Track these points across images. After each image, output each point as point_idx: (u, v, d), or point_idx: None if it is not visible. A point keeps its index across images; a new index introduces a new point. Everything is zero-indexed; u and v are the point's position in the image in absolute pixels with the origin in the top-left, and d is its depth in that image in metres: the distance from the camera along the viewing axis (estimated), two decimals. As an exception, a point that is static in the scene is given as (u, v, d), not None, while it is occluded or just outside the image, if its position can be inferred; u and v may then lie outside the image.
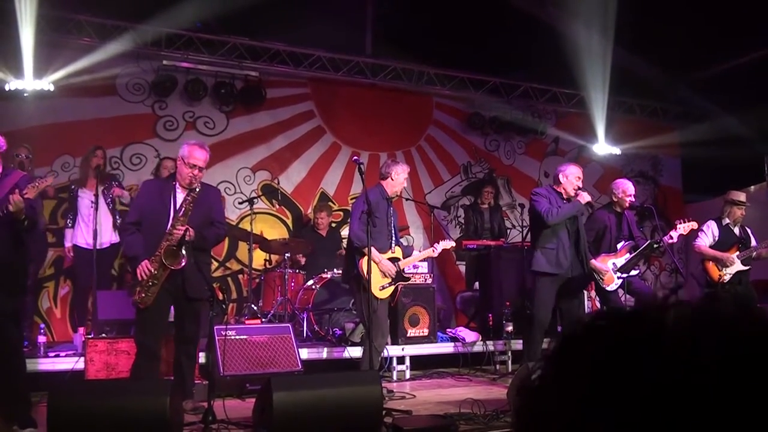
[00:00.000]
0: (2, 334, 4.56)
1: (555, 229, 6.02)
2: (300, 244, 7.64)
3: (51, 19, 7.33)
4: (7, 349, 4.61)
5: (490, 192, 8.83)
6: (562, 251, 6.00)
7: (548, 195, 6.14)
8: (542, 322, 6.09)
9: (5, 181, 4.58)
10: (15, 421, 4.57)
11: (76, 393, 4.20)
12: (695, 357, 0.59)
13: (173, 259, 4.88)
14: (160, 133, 8.16)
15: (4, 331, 4.57)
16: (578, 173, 6.15)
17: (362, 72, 9.08)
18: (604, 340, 0.64)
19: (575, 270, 6.08)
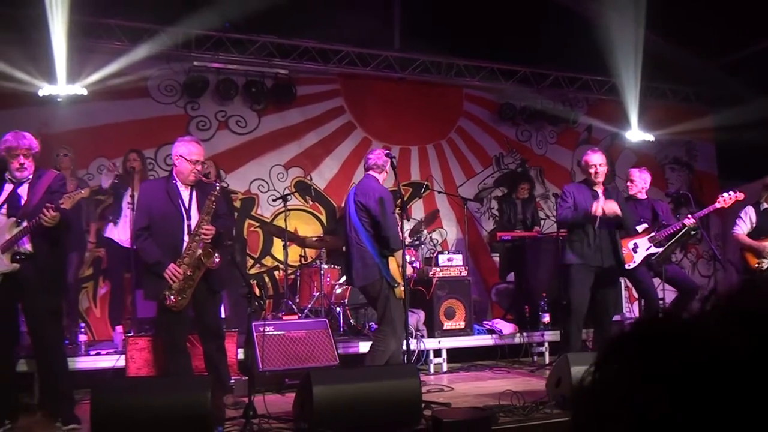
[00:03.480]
0: (44, 333, 4.67)
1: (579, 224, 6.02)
2: (335, 239, 7.65)
3: (82, 25, 7.43)
4: (50, 348, 4.71)
5: (526, 188, 8.76)
6: (587, 243, 5.97)
7: (572, 193, 6.11)
8: (578, 311, 6.04)
9: (39, 183, 4.68)
10: (58, 418, 4.66)
11: (118, 390, 4.26)
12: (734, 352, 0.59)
13: (208, 258, 4.93)
14: (193, 134, 8.23)
15: (46, 330, 4.67)
16: (593, 161, 6.08)
17: (391, 66, 9.08)
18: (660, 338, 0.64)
19: (608, 260, 6.01)
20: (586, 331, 7.08)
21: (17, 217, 4.56)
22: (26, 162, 4.62)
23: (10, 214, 4.59)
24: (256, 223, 8.68)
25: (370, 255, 5.29)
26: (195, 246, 4.93)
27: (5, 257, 4.54)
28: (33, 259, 4.59)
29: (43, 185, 4.69)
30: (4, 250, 4.53)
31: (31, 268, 4.59)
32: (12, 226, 4.55)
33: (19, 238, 4.53)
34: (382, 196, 5.31)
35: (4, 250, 4.53)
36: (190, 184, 5.11)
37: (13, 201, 4.62)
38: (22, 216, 4.56)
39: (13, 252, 4.54)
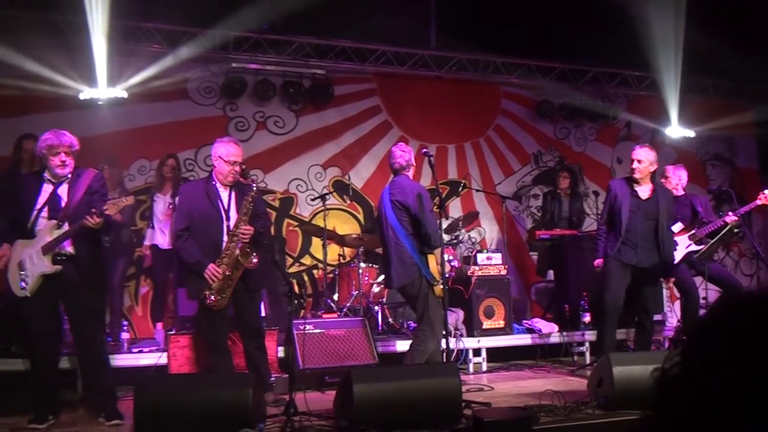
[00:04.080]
0: (86, 331, 4.75)
1: (615, 220, 5.96)
2: (373, 238, 7.66)
3: (122, 29, 7.55)
4: (92, 345, 4.79)
5: (566, 177, 8.60)
6: (625, 241, 5.89)
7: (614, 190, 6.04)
8: (611, 307, 5.98)
9: (79, 182, 4.75)
10: (101, 413, 4.74)
11: (161, 386, 4.34)
12: None
13: (246, 258, 4.98)
14: (232, 134, 8.29)
15: (87, 328, 4.75)
16: (632, 155, 6.00)
17: (427, 65, 9.06)
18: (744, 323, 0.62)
19: (646, 260, 5.92)
20: (627, 330, 7.00)
21: (58, 220, 4.63)
22: (67, 159, 4.68)
23: (50, 215, 4.67)
24: (295, 222, 8.74)
25: (409, 254, 5.24)
26: (233, 246, 4.98)
27: (46, 259, 4.62)
28: (74, 261, 4.67)
29: (83, 184, 4.75)
30: (46, 251, 4.61)
31: (73, 269, 4.67)
32: (53, 228, 4.63)
33: (61, 241, 4.61)
34: (420, 193, 5.27)
35: (45, 252, 4.61)
36: (229, 185, 5.16)
37: (54, 202, 4.69)
38: (63, 218, 4.63)
39: (55, 253, 4.63)
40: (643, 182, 5.99)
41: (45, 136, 4.70)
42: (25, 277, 4.63)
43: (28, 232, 4.66)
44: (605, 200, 6.15)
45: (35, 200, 4.68)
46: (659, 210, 5.94)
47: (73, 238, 4.63)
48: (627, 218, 5.90)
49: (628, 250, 5.90)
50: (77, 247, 4.67)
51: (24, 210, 4.68)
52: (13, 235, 4.71)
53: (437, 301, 5.27)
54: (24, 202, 4.70)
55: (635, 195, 5.96)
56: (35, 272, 4.62)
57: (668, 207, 6.03)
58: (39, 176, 4.78)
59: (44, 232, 4.64)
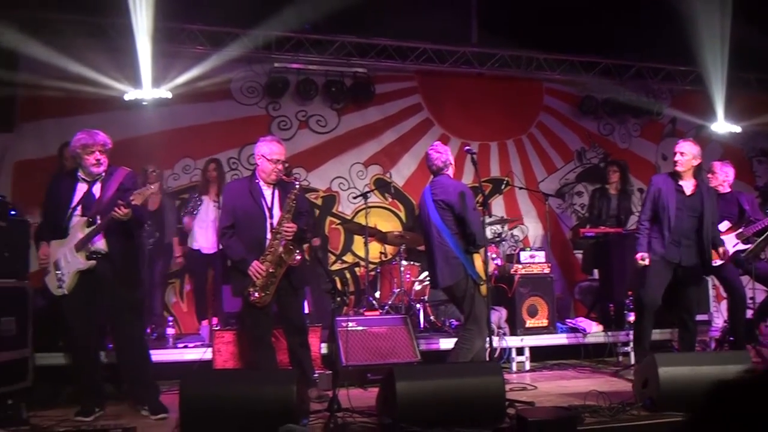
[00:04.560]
0: (125, 326, 4.83)
1: (659, 216, 5.84)
2: (414, 236, 7.65)
3: (166, 31, 7.68)
4: (131, 340, 4.87)
5: (616, 171, 8.41)
6: (667, 239, 5.78)
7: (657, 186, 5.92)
8: (651, 307, 5.87)
9: (111, 180, 4.84)
10: (144, 406, 4.82)
11: (206, 381, 4.38)
12: None
13: (289, 255, 5.01)
14: (274, 134, 8.39)
15: (126, 323, 4.83)
16: (674, 148, 5.88)
17: (469, 62, 9.01)
18: None
19: (689, 259, 5.81)
20: (672, 330, 6.88)
21: (89, 216, 4.73)
22: (102, 157, 4.78)
23: (84, 213, 4.77)
24: (337, 220, 8.80)
25: (454, 254, 5.19)
26: (276, 244, 5.01)
27: (80, 255, 4.71)
28: (107, 257, 4.76)
29: (115, 182, 4.84)
30: (79, 248, 4.71)
31: (107, 265, 4.76)
32: (84, 225, 4.72)
33: (93, 236, 4.70)
34: (463, 191, 5.22)
35: (78, 249, 4.71)
36: (273, 183, 5.20)
37: (88, 201, 4.79)
38: (95, 215, 4.72)
39: (88, 250, 4.72)
40: (686, 177, 5.87)
41: (78, 135, 4.80)
42: (62, 276, 4.73)
43: (63, 231, 4.77)
44: (647, 195, 6.02)
45: (71, 199, 4.79)
46: (703, 206, 5.82)
47: (104, 233, 4.72)
48: (674, 215, 5.78)
49: (672, 248, 5.79)
50: (110, 243, 4.76)
51: (60, 210, 4.79)
52: (52, 235, 4.81)
53: (483, 299, 5.23)
54: (60, 203, 4.81)
55: (680, 191, 5.84)
56: (71, 270, 4.72)
57: (712, 204, 5.89)
58: (73, 176, 4.87)
59: (76, 229, 4.74)
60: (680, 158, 5.82)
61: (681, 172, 5.85)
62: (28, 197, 7.03)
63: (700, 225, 5.81)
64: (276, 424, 3.51)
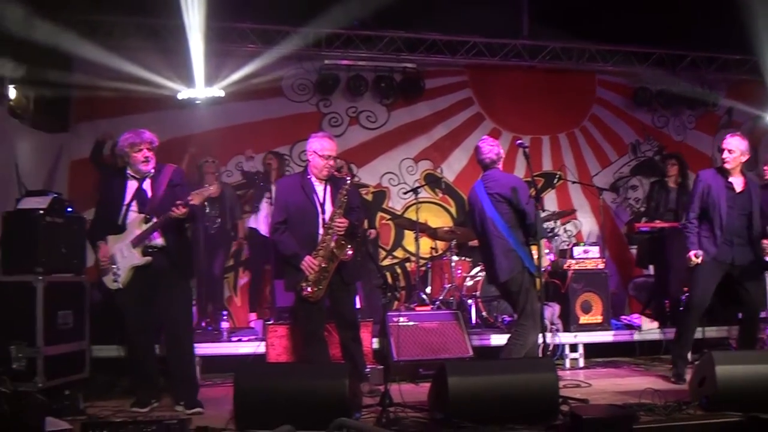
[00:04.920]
0: (177, 321, 4.91)
1: (708, 215, 5.68)
2: (465, 231, 7.62)
3: (217, 30, 7.81)
4: (182, 334, 4.95)
5: (674, 164, 8.16)
6: (717, 238, 5.62)
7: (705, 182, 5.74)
8: (698, 308, 5.73)
9: (160, 177, 4.95)
10: (181, 401, 4.88)
11: (260, 374, 4.43)
12: None
13: (341, 250, 5.04)
14: (325, 130, 8.44)
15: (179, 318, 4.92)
16: (722, 144, 5.69)
17: (520, 55, 8.91)
18: None
19: (742, 257, 5.63)
20: (729, 328, 6.74)
21: (146, 213, 4.83)
22: (149, 154, 4.88)
23: (139, 210, 4.88)
24: (388, 215, 8.82)
25: (511, 247, 5.15)
26: (328, 239, 5.05)
27: (137, 251, 4.82)
28: (164, 252, 4.86)
29: (165, 179, 4.94)
30: (136, 244, 4.81)
31: (163, 260, 4.85)
32: (141, 221, 4.83)
33: (150, 233, 4.80)
34: (518, 185, 5.21)
35: (135, 245, 4.82)
36: (324, 179, 5.23)
37: (141, 197, 4.90)
38: (150, 211, 4.83)
39: (144, 246, 4.83)
40: (735, 173, 5.69)
41: (125, 135, 4.91)
42: (117, 271, 4.84)
43: (119, 227, 4.88)
44: (694, 191, 5.84)
45: (123, 197, 4.90)
46: (752, 203, 5.66)
47: (161, 229, 4.82)
48: (726, 214, 5.62)
49: (724, 247, 5.62)
50: (166, 239, 4.85)
51: (113, 207, 4.90)
52: (107, 232, 4.92)
53: (537, 294, 5.19)
54: (112, 200, 4.92)
55: (730, 188, 5.66)
56: (126, 265, 4.83)
57: (760, 200, 5.72)
58: (123, 174, 4.98)
59: (133, 225, 4.85)
60: (728, 156, 5.64)
61: (729, 169, 5.69)
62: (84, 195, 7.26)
63: (750, 223, 5.65)
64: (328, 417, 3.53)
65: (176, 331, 4.92)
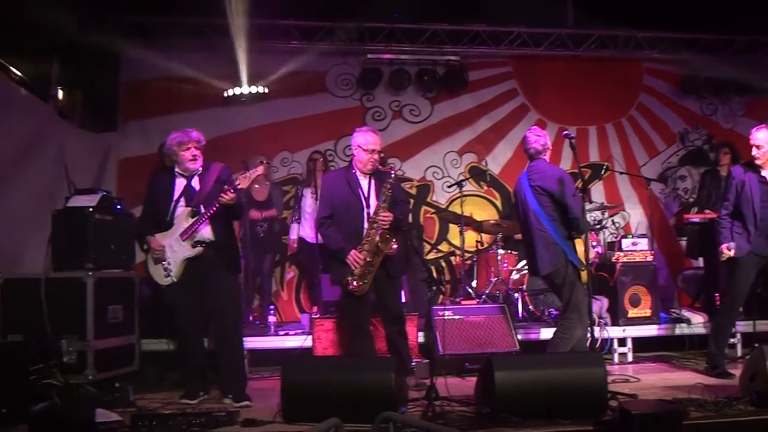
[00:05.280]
0: (225, 313, 4.97)
1: (740, 210, 5.58)
2: (511, 224, 7.57)
3: (261, 28, 7.87)
4: (229, 327, 5.01)
5: (727, 153, 7.95)
6: (745, 233, 5.52)
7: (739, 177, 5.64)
8: (737, 302, 5.68)
9: (208, 174, 5.04)
10: (229, 394, 4.93)
11: (307, 367, 4.49)
12: None
13: (386, 244, 5.05)
14: (369, 124, 8.47)
15: (226, 310, 4.98)
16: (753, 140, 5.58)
17: (564, 44, 8.81)
18: None
19: None
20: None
21: (192, 206, 4.92)
22: (197, 153, 4.97)
23: (187, 205, 4.97)
24: (432, 209, 8.82)
25: (554, 240, 5.11)
26: (373, 233, 5.07)
27: (186, 244, 4.91)
28: (212, 244, 4.94)
29: (213, 176, 5.03)
30: (185, 237, 4.91)
31: (212, 252, 4.93)
32: (189, 215, 4.92)
33: (198, 225, 4.89)
34: (562, 177, 5.14)
35: (184, 238, 4.91)
36: (369, 173, 5.26)
37: (189, 194, 4.99)
38: (197, 204, 4.92)
39: (194, 239, 4.91)
40: (767, 166, 5.58)
41: (173, 135, 5.01)
42: (168, 265, 4.94)
43: (167, 224, 4.98)
44: (730, 186, 5.73)
45: (171, 193, 5.00)
46: None
47: (209, 222, 4.89)
48: (759, 208, 5.51)
49: (760, 240, 5.52)
50: (215, 231, 4.94)
51: (162, 204, 5.01)
52: (156, 229, 5.01)
53: (583, 287, 5.13)
54: (161, 198, 5.03)
55: (764, 182, 5.56)
56: (177, 258, 4.93)
57: None
58: (171, 172, 5.09)
59: (181, 219, 4.95)
60: (757, 152, 5.55)
61: (761, 164, 5.57)
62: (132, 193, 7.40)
63: None
64: (375, 411, 3.54)
65: (225, 326, 4.98)
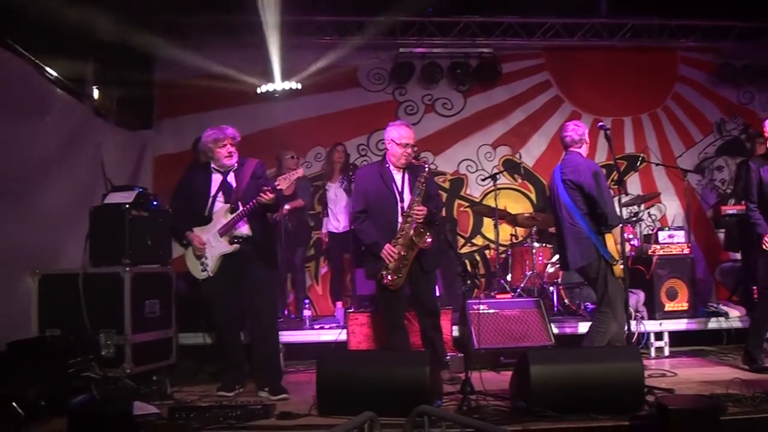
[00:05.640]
0: (262, 308, 5.05)
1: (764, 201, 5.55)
2: (546, 217, 7.52)
3: (293, 24, 7.94)
4: (265, 322, 5.08)
5: (763, 143, 7.79)
6: None
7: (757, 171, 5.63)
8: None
9: (243, 170, 5.11)
10: (265, 387, 5.01)
11: (342, 361, 4.54)
12: None
13: (420, 238, 5.07)
14: (401, 118, 8.48)
15: (263, 305, 5.05)
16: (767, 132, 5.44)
17: (599, 34, 8.70)
18: None
19: None
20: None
21: (231, 203, 5.00)
22: (232, 149, 5.04)
23: (225, 201, 5.05)
24: (466, 203, 8.80)
25: (585, 234, 5.09)
26: (407, 227, 5.08)
27: (224, 240, 4.99)
28: (250, 240, 5.01)
29: (248, 172, 5.10)
30: (223, 233, 4.99)
31: (249, 248, 5.01)
32: (227, 211, 5.00)
33: (236, 222, 4.97)
34: (594, 171, 5.11)
35: (222, 234, 4.99)
36: (402, 167, 5.27)
37: (226, 189, 5.08)
38: (235, 201, 4.99)
39: (231, 235, 4.98)
40: None
41: (208, 132, 5.09)
42: (205, 260, 5.03)
43: (204, 219, 5.06)
44: (750, 181, 5.67)
45: (209, 189, 5.09)
46: None
47: (246, 219, 4.97)
48: None
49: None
50: (251, 228, 5.02)
51: (200, 200, 5.09)
52: (194, 224, 5.09)
53: (618, 281, 5.09)
54: (199, 193, 5.11)
55: None
56: (215, 254, 5.01)
57: None
58: (207, 168, 5.16)
59: (219, 215, 5.03)
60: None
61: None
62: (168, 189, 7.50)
63: None
64: (410, 404, 3.56)
65: (261, 320, 5.05)
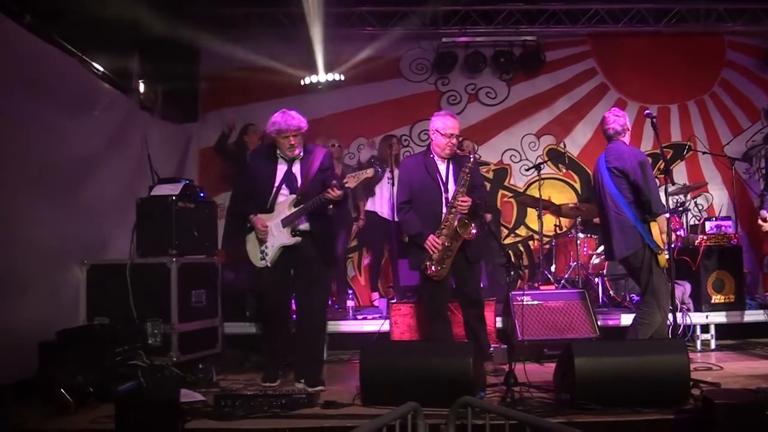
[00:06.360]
0: (313, 301, 5.09)
1: None
2: (591, 207, 7.46)
3: (336, 15, 7.99)
4: (314, 315, 5.13)
5: None
6: None
7: None
8: None
9: (310, 160, 5.11)
10: (302, 378, 5.02)
11: (385, 352, 4.58)
12: None
13: (465, 229, 5.08)
14: (444, 108, 8.45)
15: (314, 299, 5.10)
16: None
17: (644, 20, 8.54)
18: None
19: None
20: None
21: (297, 195, 5.02)
22: (295, 141, 5.04)
23: (290, 192, 5.08)
24: (509, 193, 8.77)
25: (631, 223, 5.02)
26: (452, 218, 5.10)
27: (286, 231, 5.03)
28: (310, 235, 5.04)
29: (315, 162, 5.09)
30: (285, 224, 5.02)
31: (309, 243, 5.04)
32: (292, 203, 5.02)
33: (299, 216, 4.99)
34: (640, 159, 5.05)
35: (285, 225, 5.02)
36: (447, 157, 5.28)
37: (290, 180, 5.09)
38: (301, 193, 5.02)
39: (294, 227, 5.03)
40: None
41: (274, 119, 5.06)
42: (265, 249, 5.07)
43: (266, 209, 5.09)
44: None
45: (273, 179, 5.09)
46: None
47: (308, 213, 4.99)
48: None
49: None
50: (312, 223, 5.04)
51: (263, 189, 5.11)
52: (257, 211, 5.13)
53: (662, 272, 5.03)
54: (262, 182, 5.12)
55: None
56: (275, 244, 5.04)
57: None
58: (272, 156, 5.16)
59: (283, 206, 5.04)
60: None
61: None
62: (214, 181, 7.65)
63: None
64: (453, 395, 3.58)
65: (312, 315, 5.10)
